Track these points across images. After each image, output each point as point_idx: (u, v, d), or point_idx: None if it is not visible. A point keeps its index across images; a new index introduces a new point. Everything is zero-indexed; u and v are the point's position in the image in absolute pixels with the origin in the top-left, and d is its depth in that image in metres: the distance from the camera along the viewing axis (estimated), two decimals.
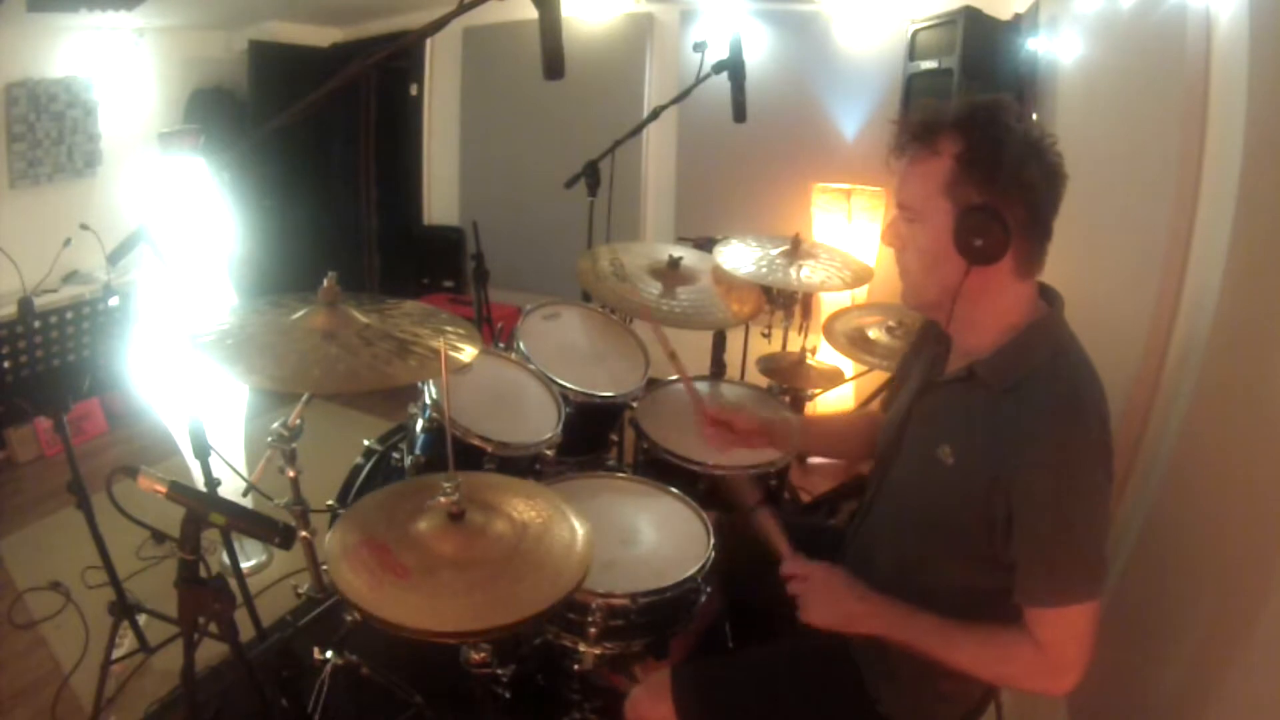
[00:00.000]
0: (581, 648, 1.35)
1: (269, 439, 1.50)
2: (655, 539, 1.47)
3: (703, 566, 1.38)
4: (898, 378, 1.39)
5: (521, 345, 1.81)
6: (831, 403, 3.22)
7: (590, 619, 1.32)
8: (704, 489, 1.65)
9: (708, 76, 2.09)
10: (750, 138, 3.20)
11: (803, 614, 1.14)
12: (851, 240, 3.24)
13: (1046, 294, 1.09)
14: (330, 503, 1.78)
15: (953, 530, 1.07)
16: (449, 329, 1.43)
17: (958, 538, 1.07)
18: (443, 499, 1.13)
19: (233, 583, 1.28)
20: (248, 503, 1.83)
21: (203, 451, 1.63)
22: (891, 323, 2.13)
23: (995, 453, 1.00)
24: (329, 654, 1.47)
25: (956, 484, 1.06)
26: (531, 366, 1.78)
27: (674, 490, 1.59)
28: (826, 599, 1.14)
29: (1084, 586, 0.97)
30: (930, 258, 1.05)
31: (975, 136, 1.00)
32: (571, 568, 1.12)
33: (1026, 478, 0.96)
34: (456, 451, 1.15)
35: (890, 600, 1.12)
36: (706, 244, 2.35)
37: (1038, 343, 1.03)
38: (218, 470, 1.67)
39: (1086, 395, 0.99)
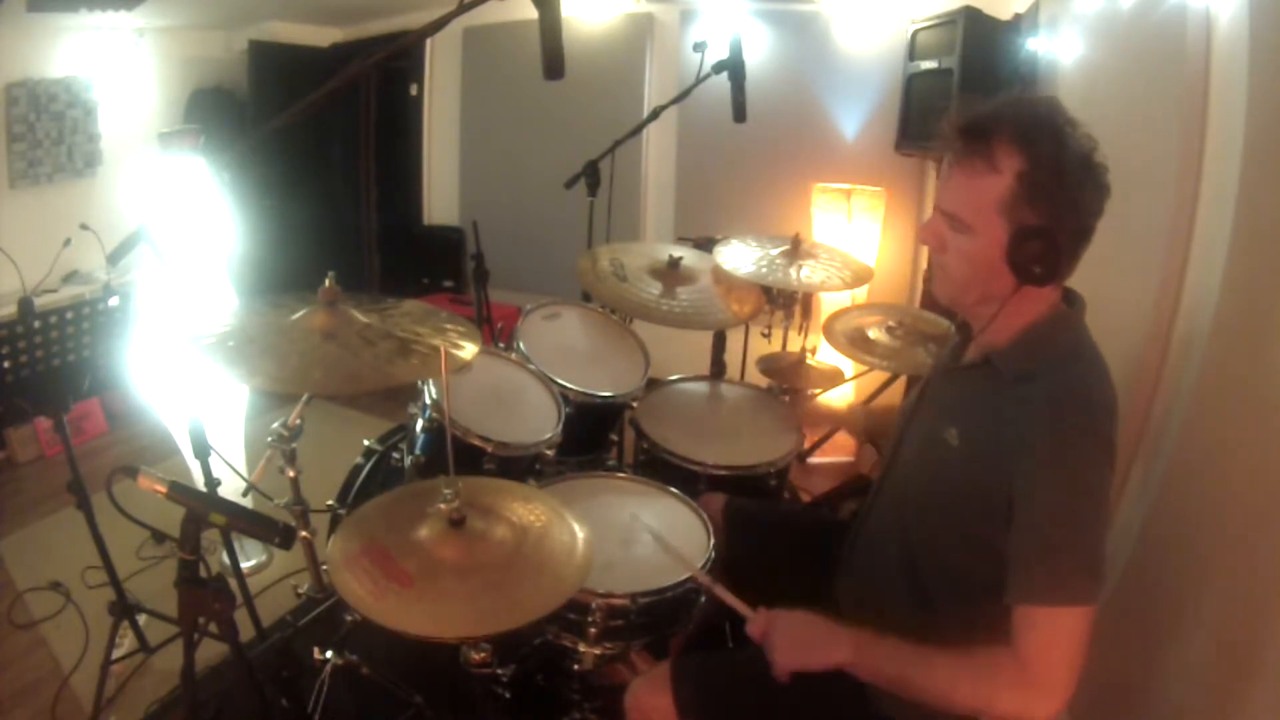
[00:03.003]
0: (581, 648, 1.35)
1: (269, 439, 1.50)
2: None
3: (703, 566, 1.38)
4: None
5: (521, 345, 1.81)
6: (832, 402, 3.22)
7: (590, 619, 1.32)
8: (704, 489, 1.65)
9: (708, 76, 2.08)
10: (750, 138, 3.21)
11: (774, 669, 1.09)
12: (851, 240, 3.24)
13: (1068, 296, 1.10)
14: (330, 503, 1.78)
15: (952, 513, 1.07)
16: (449, 327, 1.43)
17: (957, 522, 1.07)
18: (443, 506, 1.13)
19: (233, 583, 1.28)
20: (248, 503, 1.83)
21: (203, 451, 1.63)
22: (891, 323, 2.13)
23: (1002, 440, 1.00)
24: (329, 654, 1.47)
25: (960, 465, 1.07)
26: (531, 366, 1.78)
27: (674, 490, 1.59)
28: (786, 642, 1.09)
29: (1081, 585, 0.93)
30: (976, 268, 1.04)
31: (1038, 155, 0.97)
32: (572, 571, 1.12)
33: (1031, 467, 0.96)
34: (456, 451, 1.15)
35: (855, 628, 1.08)
36: (706, 244, 2.35)
37: (1055, 337, 1.04)
38: (218, 470, 1.67)
39: (1098, 392, 0.99)
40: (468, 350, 1.36)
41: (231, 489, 1.77)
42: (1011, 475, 0.98)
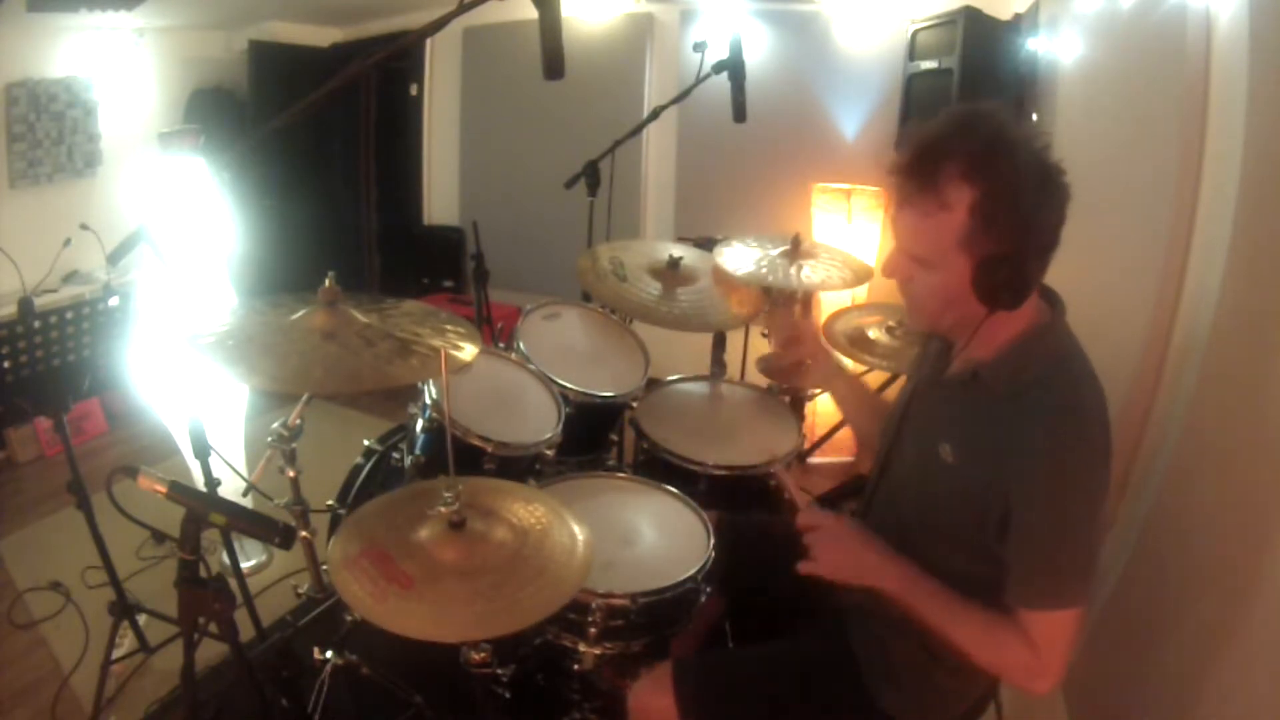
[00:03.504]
0: (581, 648, 1.35)
1: (269, 439, 1.50)
2: (655, 539, 1.47)
3: (703, 566, 1.38)
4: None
5: (521, 345, 1.81)
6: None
7: (590, 619, 1.32)
8: (704, 489, 1.65)
9: (708, 76, 2.08)
10: (750, 138, 3.20)
11: (810, 564, 1.11)
12: (851, 240, 3.24)
13: (1048, 295, 1.08)
14: (330, 503, 1.78)
15: (951, 526, 1.08)
16: (449, 328, 1.43)
17: (956, 532, 1.07)
18: (443, 509, 1.13)
19: (233, 583, 1.28)
20: (248, 503, 1.83)
21: (203, 451, 1.63)
22: (891, 323, 2.13)
23: (996, 455, 1.00)
24: (329, 654, 1.47)
25: (956, 483, 1.06)
26: (531, 366, 1.78)
27: (674, 490, 1.59)
28: (836, 548, 1.12)
29: (1077, 591, 0.97)
30: (946, 300, 1.03)
31: (989, 184, 0.93)
32: (572, 572, 1.12)
33: (1027, 481, 0.96)
34: (456, 451, 1.15)
35: (903, 559, 1.10)
36: (706, 244, 2.34)
37: (1041, 348, 1.03)
38: (218, 470, 1.67)
39: (1089, 401, 0.99)
40: (467, 352, 1.36)
41: (231, 489, 1.77)
42: (1009, 486, 0.98)
